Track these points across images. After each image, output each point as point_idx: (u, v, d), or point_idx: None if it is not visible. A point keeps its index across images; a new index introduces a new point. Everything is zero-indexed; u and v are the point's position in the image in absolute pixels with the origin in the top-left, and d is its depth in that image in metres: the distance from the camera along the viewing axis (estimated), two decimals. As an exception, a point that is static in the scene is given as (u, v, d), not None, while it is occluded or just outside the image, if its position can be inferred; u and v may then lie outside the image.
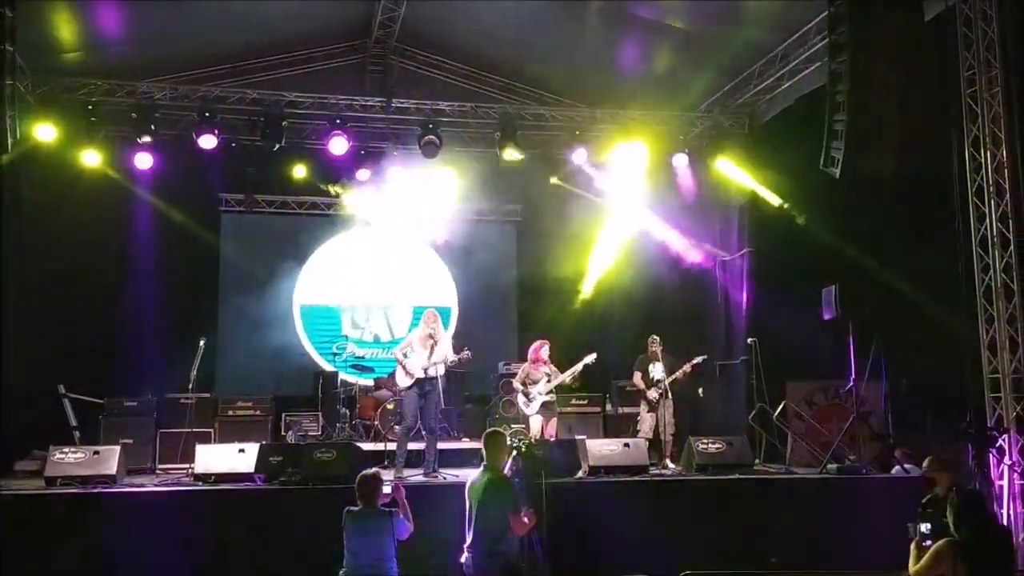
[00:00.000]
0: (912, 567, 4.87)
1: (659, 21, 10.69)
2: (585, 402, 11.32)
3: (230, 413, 10.65)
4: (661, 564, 6.94)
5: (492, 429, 6.40)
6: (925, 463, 6.95)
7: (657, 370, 10.04)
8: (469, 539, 5.94)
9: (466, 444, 10.74)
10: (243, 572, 7.45)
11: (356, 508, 6.07)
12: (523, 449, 6.87)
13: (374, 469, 6.29)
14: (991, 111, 8.19)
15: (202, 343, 9.55)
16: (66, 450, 8.40)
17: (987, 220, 8.20)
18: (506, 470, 6.30)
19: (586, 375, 10.36)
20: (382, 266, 14.18)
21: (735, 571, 6.03)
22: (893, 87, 7.42)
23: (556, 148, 12.52)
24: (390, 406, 11.06)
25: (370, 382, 12.48)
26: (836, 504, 8.56)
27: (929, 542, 4.83)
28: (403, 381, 9.15)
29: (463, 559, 5.94)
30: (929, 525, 4.99)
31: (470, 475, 6.27)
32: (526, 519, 5.85)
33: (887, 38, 7.50)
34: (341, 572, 5.97)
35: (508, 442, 6.40)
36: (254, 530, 7.65)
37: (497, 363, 12.59)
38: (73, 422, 10.47)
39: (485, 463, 6.06)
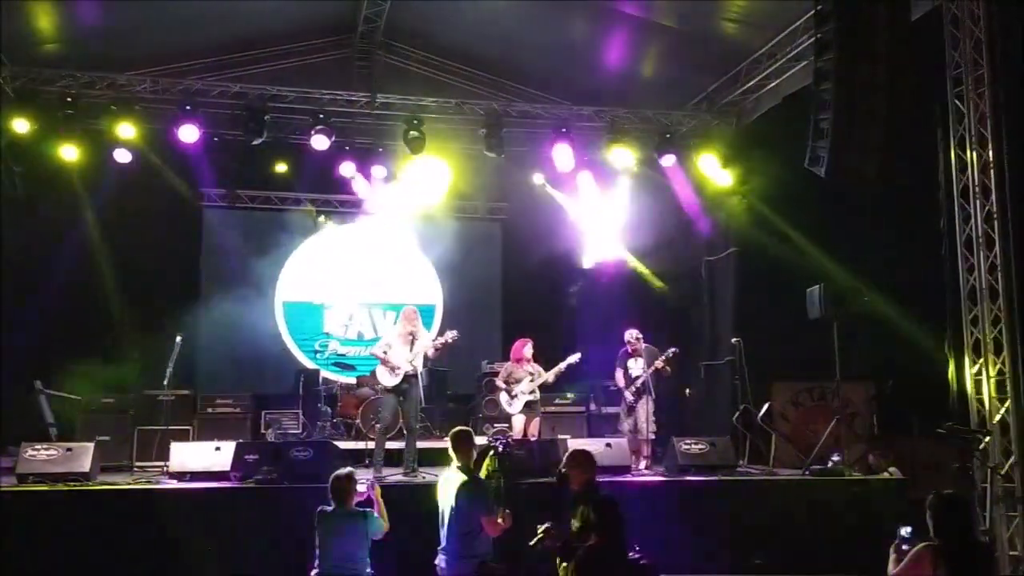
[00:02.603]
0: (891, 570, 4.79)
1: (647, 19, 10.62)
2: (569, 401, 11.24)
3: (209, 410, 10.58)
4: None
5: (459, 428, 6.26)
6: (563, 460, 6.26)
7: (637, 366, 9.84)
8: (443, 541, 5.86)
9: (447, 443, 10.59)
10: (215, 571, 7.32)
11: (329, 508, 5.97)
12: (501, 449, 6.76)
13: (348, 469, 6.16)
14: (977, 111, 8.12)
15: (178, 340, 9.40)
16: (38, 447, 8.24)
17: (972, 220, 8.13)
18: (482, 470, 6.21)
19: (568, 375, 10.26)
20: (366, 263, 14.06)
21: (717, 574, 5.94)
22: (879, 86, 7.32)
23: (542, 145, 12.41)
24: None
25: (352, 380, 12.36)
26: (819, 505, 8.49)
27: (907, 546, 4.75)
28: (385, 380, 9.02)
29: (437, 561, 5.86)
30: (910, 528, 4.90)
31: (440, 475, 6.18)
32: (501, 520, 5.76)
33: (873, 37, 7.39)
34: (313, 573, 5.87)
35: (487, 440, 6.29)
36: (227, 528, 7.54)
37: (480, 362, 12.49)
38: (49, 419, 10.30)
39: (456, 463, 5.96)
